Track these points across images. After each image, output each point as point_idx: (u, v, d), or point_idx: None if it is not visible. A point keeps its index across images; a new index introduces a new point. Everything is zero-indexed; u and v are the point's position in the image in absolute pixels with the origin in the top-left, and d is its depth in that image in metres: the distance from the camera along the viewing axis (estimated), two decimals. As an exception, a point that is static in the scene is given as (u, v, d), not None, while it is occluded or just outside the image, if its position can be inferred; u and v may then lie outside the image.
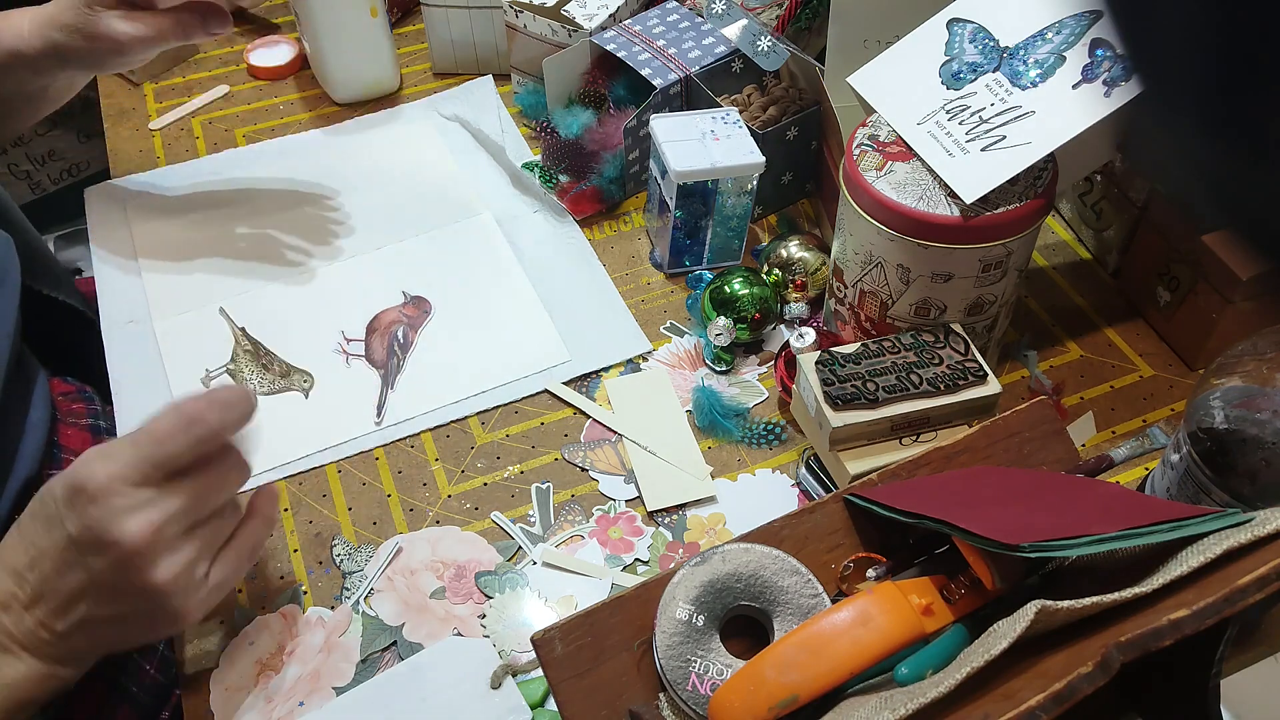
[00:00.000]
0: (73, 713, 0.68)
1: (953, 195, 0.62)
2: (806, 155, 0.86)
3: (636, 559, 0.66)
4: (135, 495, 0.52)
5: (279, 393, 0.76)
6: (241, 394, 0.55)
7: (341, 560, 0.66)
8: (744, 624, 0.55)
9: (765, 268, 0.79)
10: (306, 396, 0.76)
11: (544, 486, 0.70)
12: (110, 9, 0.73)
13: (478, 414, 0.75)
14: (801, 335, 0.71)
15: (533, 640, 0.53)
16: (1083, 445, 0.71)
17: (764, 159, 0.77)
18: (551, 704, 0.59)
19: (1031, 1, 0.66)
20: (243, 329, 0.80)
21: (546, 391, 0.76)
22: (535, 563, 0.66)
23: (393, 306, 0.81)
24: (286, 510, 0.69)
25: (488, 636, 0.62)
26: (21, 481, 0.71)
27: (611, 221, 0.89)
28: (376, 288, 0.83)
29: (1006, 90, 0.64)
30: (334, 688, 0.61)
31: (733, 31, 0.88)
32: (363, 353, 0.78)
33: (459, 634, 0.63)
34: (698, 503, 0.69)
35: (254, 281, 0.84)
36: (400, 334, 0.78)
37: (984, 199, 0.62)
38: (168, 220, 0.89)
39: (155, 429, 0.53)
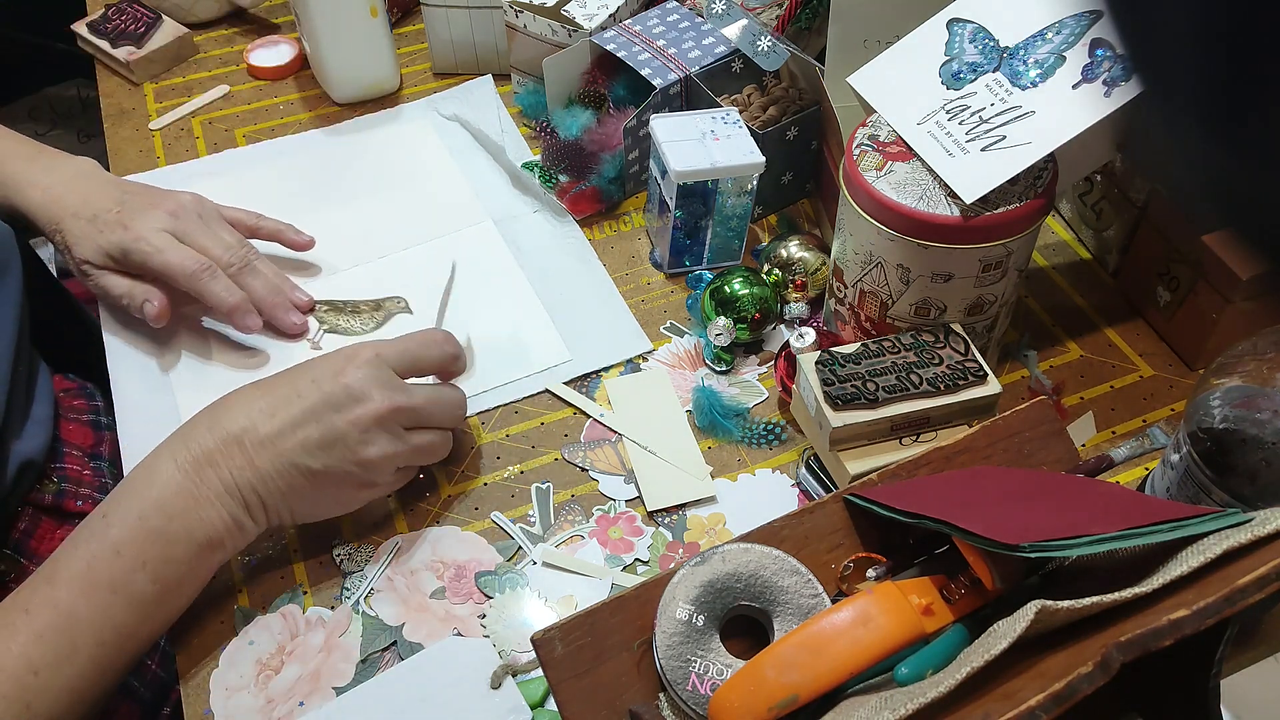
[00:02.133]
0: None
1: (953, 195, 0.62)
2: (806, 155, 0.86)
3: (636, 559, 0.66)
4: (390, 375, 0.62)
5: (384, 324, 0.80)
6: (462, 352, 0.68)
7: (341, 560, 0.66)
8: (744, 624, 0.55)
9: (765, 268, 0.79)
10: (413, 312, 0.80)
11: (544, 486, 0.70)
12: (105, 270, 0.75)
13: (478, 414, 0.75)
14: (801, 335, 0.71)
15: (533, 640, 0.53)
16: (1083, 445, 0.71)
17: (764, 159, 0.77)
18: (551, 704, 0.59)
19: (1031, 1, 0.66)
20: (311, 298, 0.81)
21: (547, 391, 0.76)
22: (535, 563, 0.66)
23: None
24: (286, 510, 0.69)
25: (488, 636, 0.62)
26: (26, 476, 0.71)
27: (611, 221, 0.89)
28: (379, 294, 0.83)
29: (1006, 90, 0.64)
30: (334, 688, 0.61)
31: (733, 31, 0.88)
32: None
33: (459, 634, 0.63)
34: (698, 503, 0.69)
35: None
36: None
37: (984, 199, 0.62)
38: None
39: (418, 336, 0.65)
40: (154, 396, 0.76)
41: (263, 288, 0.76)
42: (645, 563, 0.66)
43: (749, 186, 0.79)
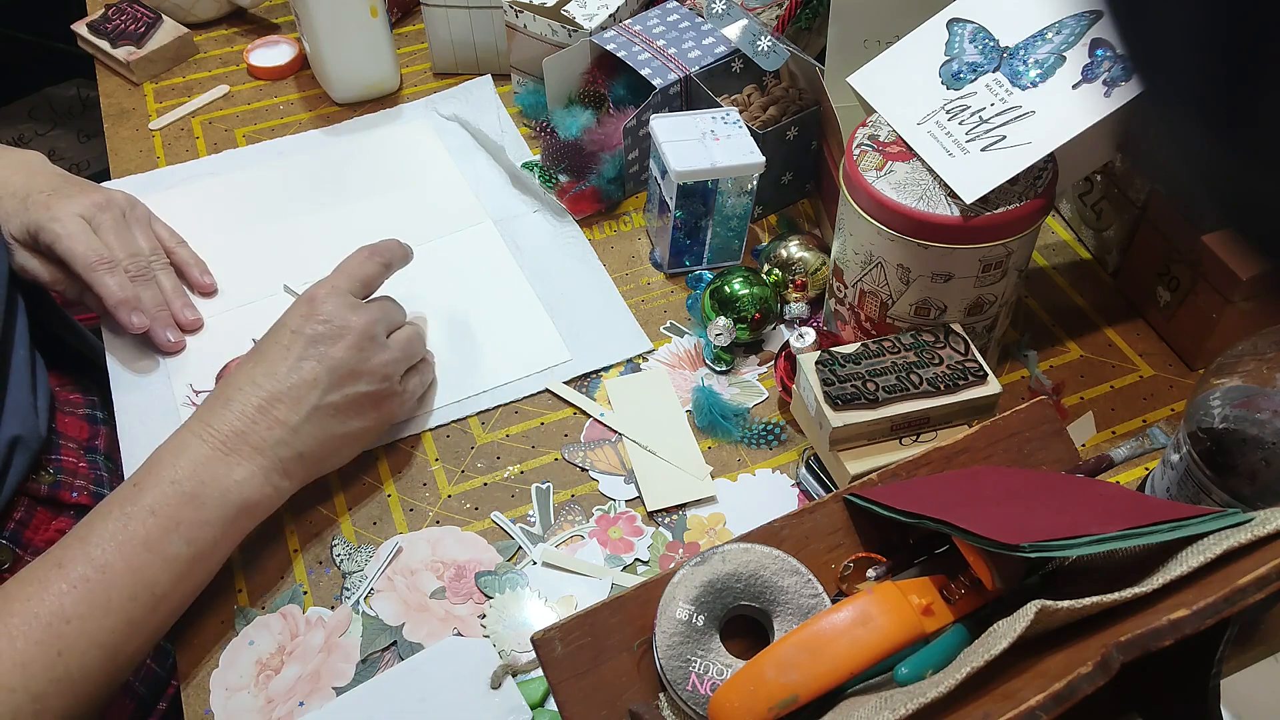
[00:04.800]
0: None
1: (953, 195, 0.62)
2: (806, 155, 0.86)
3: (636, 559, 0.66)
4: (352, 299, 0.67)
5: None
6: (400, 243, 0.73)
7: (341, 560, 0.66)
8: (744, 624, 0.55)
9: (765, 268, 0.79)
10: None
11: (544, 486, 0.70)
12: (24, 249, 0.77)
13: (478, 414, 0.75)
14: (801, 335, 0.71)
15: (533, 640, 0.53)
16: (1083, 445, 0.71)
17: (764, 159, 0.77)
18: (551, 704, 0.59)
19: (1031, 1, 0.66)
20: (285, 285, 0.82)
21: (547, 391, 0.76)
22: (535, 563, 0.66)
23: (242, 355, 0.79)
24: (286, 510, 0.69)
25: (488, 636, 0.62)
26: (19, 470, 0.71)
27: (611, 221, 0.89)
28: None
29: (1006, 90, 0.64)
30: (334, 688, 0.61)
31: (733, 31, 0.88)
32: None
33: (459, 634, 0.63)
34: (698, 503, 0.69)
35: (255, 284, 0.84)
36: None
37: (984, 199, 0.62)
38: (167, 221, 0.89)
39: (350, 262, 0.70)
40: (155, 398, 0.76)
41: (150, 299, 0.77)
42: (645, 563, 0.66)
43: (749, 186, 0.79)
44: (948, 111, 0.65)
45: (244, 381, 0.64)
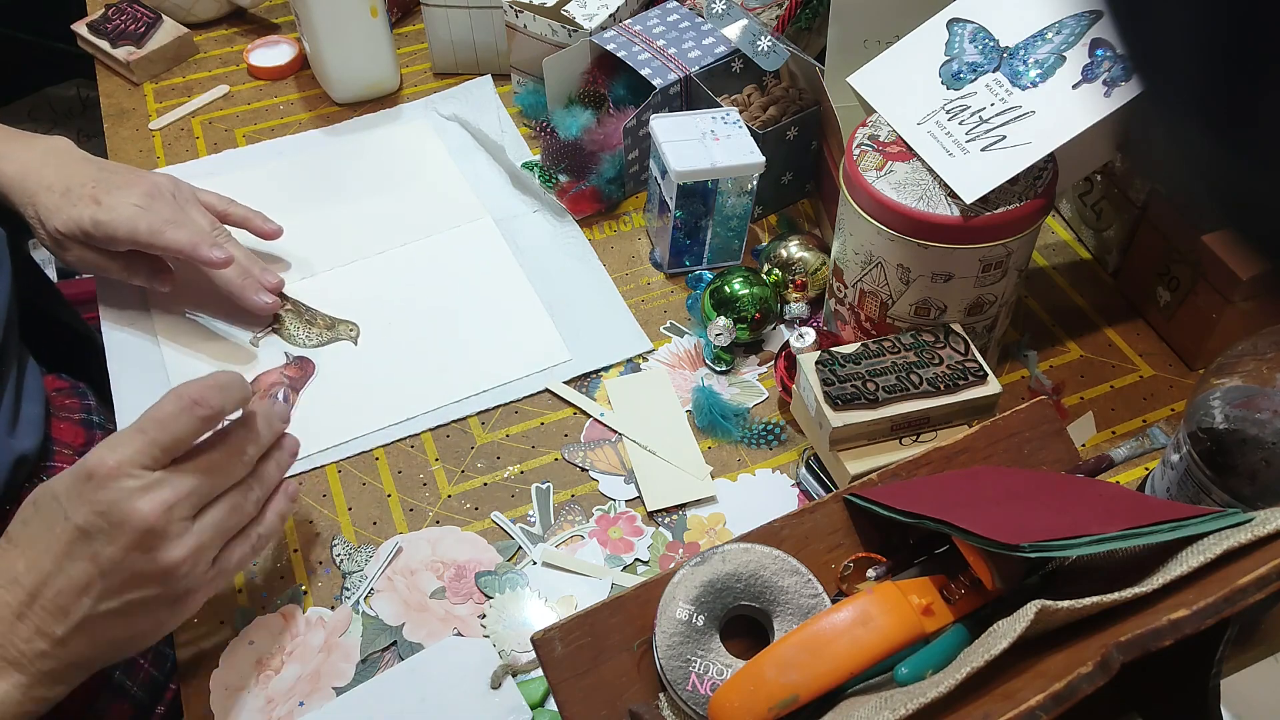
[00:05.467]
0: (66, 707, 0.68)
1: (953, 195, 0.62)
2: (806, 155, 0.86)
3: (636, 559, 0.66)
4: (145, 477, 0.52)
5: (329, 344, 0.79)
6: (237, 378, 0.57)
7: (341, 560, 0.66)
8: (744, 624, 0.55)
9: (765, 268, 0.79)
10: (356, 344, 0.79)
11: (544, 486, 0.70)
12: (78, 244, 0.75)
13: (478, 414, 0.75)
14: (801, 335, 0.71)
15: (533, 640, 0.53)
16: (1083, 445, 0.71)
17: (764, 159, 0.77)
18: (551, 704, 0.59)
19: (1031, 1, 0.66)
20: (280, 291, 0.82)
21: (547, 391, 0.76)
22: (535, 563, 0.66)
23: (274, 368, 0.78)
24: (286, 510, 0.69)
25: (488, 636, 0.62)
26: (17, 475, 0.71)
27: (611, 221, 0.89)
28: (379, 293, 0.83)
29: (1006, 90, 0.64)
30: (334, 688, 0.61)
31: (733, 31, 0.88)
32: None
33: (459, 634, 0.63)
34: (698, 503, 0.69)
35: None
36: (282, 396, 0.76)
37: (984, 199, 0.62)
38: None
39: (158, 413, 0.54)
40: (155, 398, 0.76)
41: (231, 269, 0.76)
42: (645, 563, 0.66)
43: (749, 186, 0.79)
44: (948, 111, 0.65)
45: (3, 578, 0.52)
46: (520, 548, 0.67)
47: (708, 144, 0.77)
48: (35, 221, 0.76)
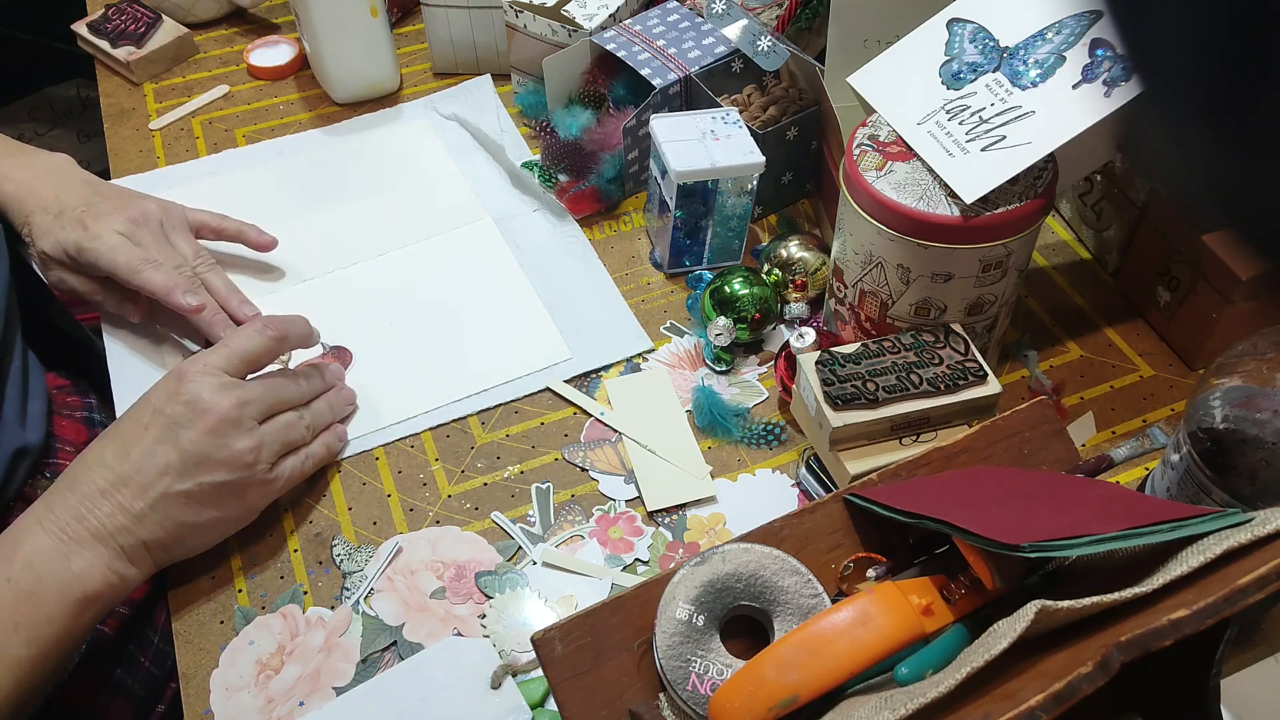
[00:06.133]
0: (66, 703, 0.68)
1: (953, 195, 0.62)
2: (806, 155, 0.86)
3: (636, 559, 0.66)
4: (225, 378, 0.63)
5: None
6: (303, 319, 0.70)
7: (341, 560, 0.66)
8: (744, 624, 0.55)
9: (765, 268, 0.79)
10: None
11: (544, 486, 0.70)
12: (61, 267, 0.76)
13: (478, 414, 0.75)
14: (801, 335, 0.71)
15: (533, 640, 0.53)
16: (1083, 445, 0.71)
17: (764, 159, 0.77)
18: (551, 704, 0.59)
19: (1031, 1, 0.66)
20: None
21: (547, 390, 0.76)
22: (535, 563, 0.66)
23: (312, 358, 0.78)
24: (286, 510, 0.69)
25: (488, 636, 0.62)
26: (18, 469, 0.71)
27: (611, 221, 0.89)
28: (380, 293, 0.83)
29: (1006, 90, 0.64)
30: (334, 688, 0.61)
31: (733, 31, 0.88)
32: None
33: (459, 634, 0.63)
34: (698, 503, 0.69)
35: (256, 284, 0.84)
36: None
37: (984, 199, 0.62)
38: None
39: (238, 332, 0.66)
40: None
41: (205, 311, 0.75)
42: (645, 563, 0.66)
43: (749, 186, 0.79)
44: (948, 111, 0.65)
45: (94, 461, 0.60)
46: (520, 548, 0.67)
47: (708, 144, 0.77)
48: (28, 239, 0.76)
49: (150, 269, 0.73)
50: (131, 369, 0.77)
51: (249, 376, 0.66)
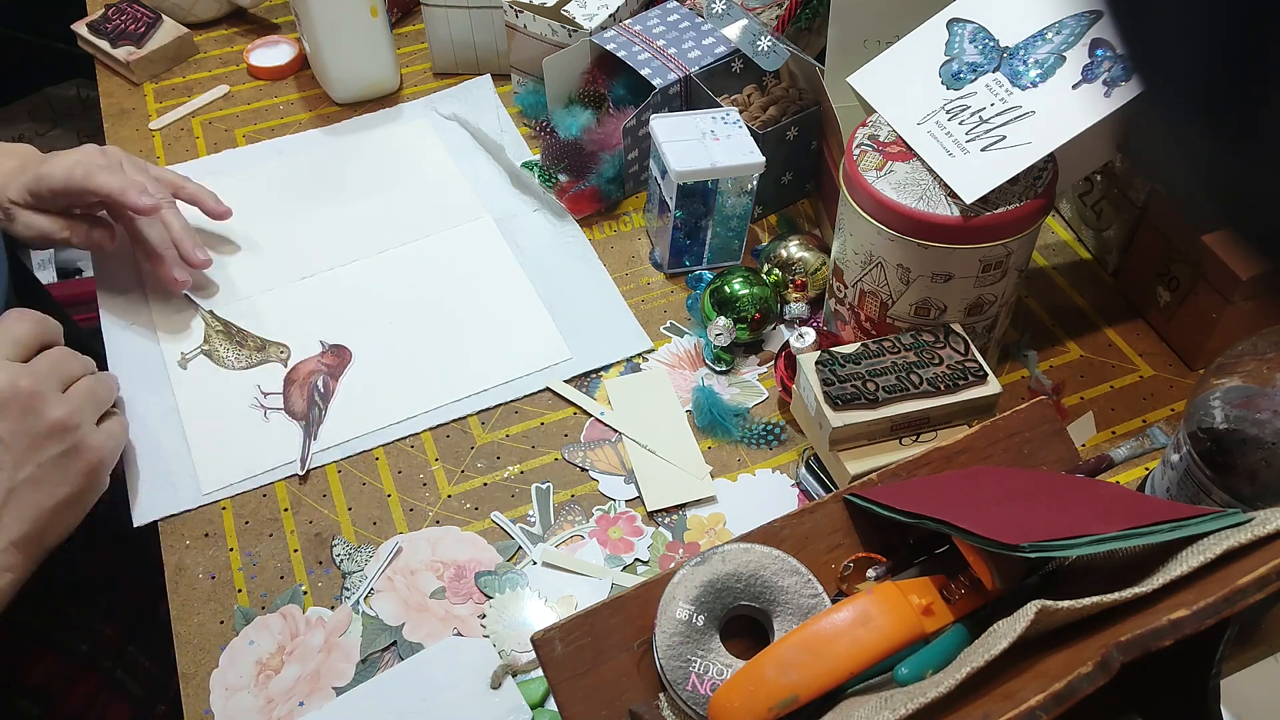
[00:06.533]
0: (66, 705, 0.68)
1: (953, 195, 0.62)
2: (806, 155, 0.86)
3: (636, 559, 0.66)
4: (12, 364, 0.62)
5: (257, 365, 0.78)
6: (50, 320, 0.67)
7: (341, 560, 0.66)
8: (744, 624, 0.55)
9: (765, 268, 0.79)
10: (286, 365, 0.78)
11: (544, 486, 0.70)
12: (26, 209, 0.77)
13: (478, 413, 0.75)
14: (801, 335, 0.71)
15: (533, 640, 0.53)
16: (1083, 445, 0.71)
17: (764, 159, 0.77)
18: (551, 704, 0.59)
19: (1031, 1, 0.66)
20: (210, 310, 0.81)
21: (547, 390, 0.76)
22: (535, 563, 0.66)
23: (311, 356, 0.78)
24: (286, 510, 0.69)
25: (488, 636, 0.62)
26: None
27: (611, 221, 0.89)
28: (380, 292, 0.83)
29: (1006, 90, 0.64)
30: (334, 688, 0.61)
31: (733, 31, 0.88)
32: (281, 405, 0.75)
33: (459, 634, 0.63)
34: (698, 503, 0.69)
35: (255, 284, 0.84)
36: (320, 383, 0.76)
37: (984, 199, 0.62)
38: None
39: (4, 321, 0.65)
40: (156, 399, 0.76)
41: (157, 237, 0.77)
42: (645, 563, 0.66)
43: (749, 186, 0.79)
44: (948, 111, 0.65)
45: None
46: (520, 548, 0.67)
47: (708, 144, 0.77)
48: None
49: (104, 173, 0.74)
50: (132, 370, 0.77)
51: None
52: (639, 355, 0.78)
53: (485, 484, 0.71)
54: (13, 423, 0.60)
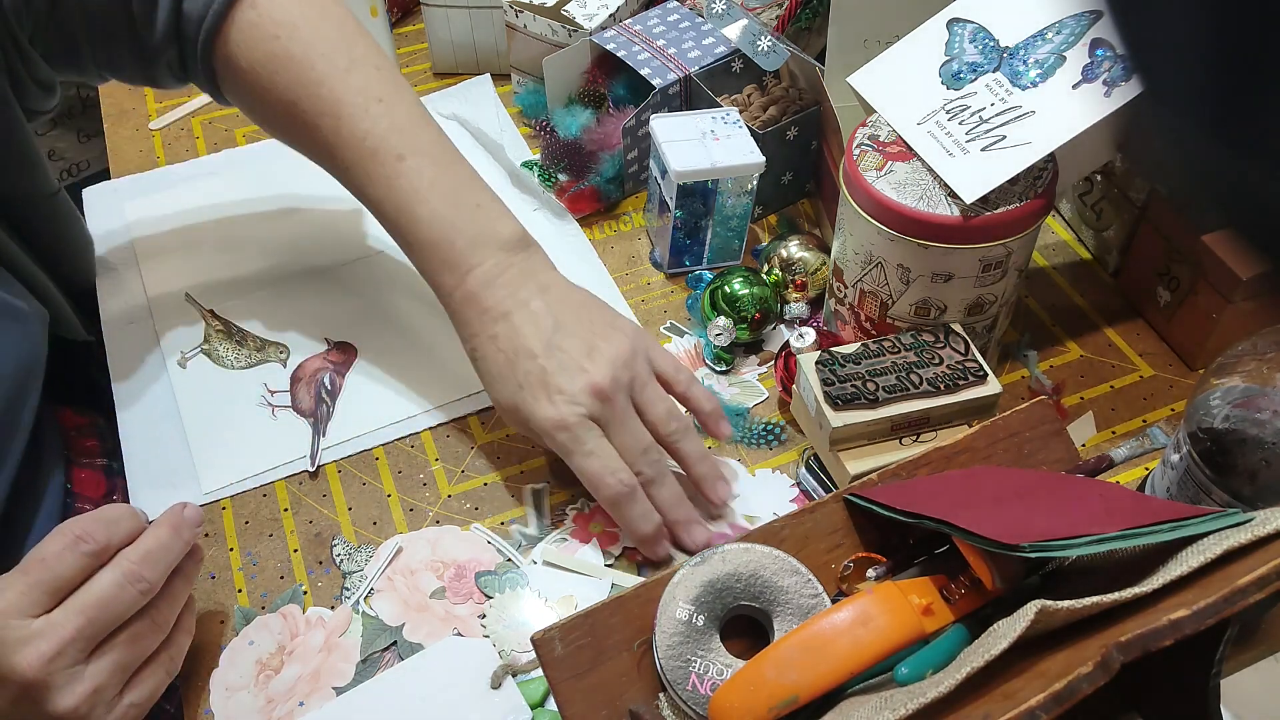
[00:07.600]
0: None
1: (953, 195, 0.62)
2: (806, 155, 0.86)
3: (626, 547, 0.66)
4: (24, 628, 0.50)
5: (257, 365, 0.78)
6: (126, 509, 0.54)
7: (341, 560, 0.66)
8: (744, 624, 0.55)
9: (765, 268, 0.79)
10: (285, 365, 0.78)
11: (539, 487, 0.70)
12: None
13: (477, 413, 0.75)
14: (801, 335, 0.71)
15: (533, 640, 0.53)
16: (1083, 445, 0.71)
17: (764, 159, 0.77)
18: (551, 704, 0.59)
19: (1031, 1, 0.66)
20: (210, 310, 0.81)
21: (546, 391, 0.76)
22: (535, 563, 0.66)
23: (316, 354, 0.78)
24: (286, 510, 0.69)
25: (488, 636, 0.62)
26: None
27: (611, 221, 0.89)
28: (380, 292, 0.83)
29: (1006, 90, 0.64)
30: (334, 688, 0.61)
31: (733, 31, 0.88)
32: (289, 404, 0.75)
33: (459, 634, 0.63)
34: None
35: (256, 283, 0.84)
36: (327, 380, 0.76)
37: (984, 199, 0.62)
38: (168, 221, 0.89)
39: (42, 552, 0.52)
40: (156, 399, 0.76)
41: (669, 499, 0.64)
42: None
43: (749, 186, 0.79)
44: (948, 111, 0.65)
45: None
46: (520, 547, 0.67)
47: (708, 144, 0.77)
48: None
49: (627, 503, 0.62)
50: (132, 371, 0.77)
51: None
52: (639, 355, 0.78)
53: (485, 484, 0.71)
54: (6, 706, 0.50)
